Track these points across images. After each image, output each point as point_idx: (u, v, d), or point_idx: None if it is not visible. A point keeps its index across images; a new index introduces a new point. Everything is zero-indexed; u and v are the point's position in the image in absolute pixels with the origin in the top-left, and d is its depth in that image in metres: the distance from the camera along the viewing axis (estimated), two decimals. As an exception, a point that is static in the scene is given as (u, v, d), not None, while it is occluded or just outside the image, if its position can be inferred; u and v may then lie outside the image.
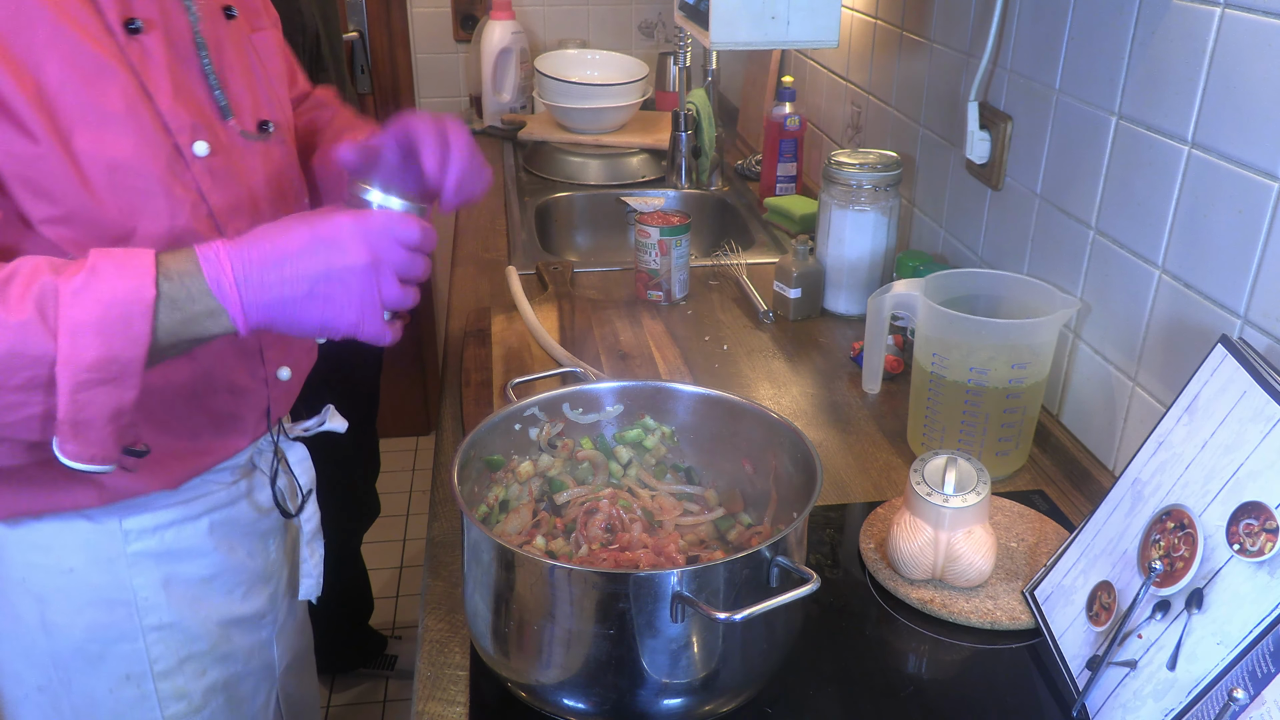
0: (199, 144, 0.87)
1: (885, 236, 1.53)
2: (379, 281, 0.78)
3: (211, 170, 0.88)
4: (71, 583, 0.95)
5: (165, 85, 0.84)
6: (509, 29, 2.61)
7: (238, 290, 0.75)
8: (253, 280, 0.75)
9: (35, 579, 0.94)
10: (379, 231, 0.79)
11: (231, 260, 0.75)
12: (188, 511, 0.99)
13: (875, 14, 1.79)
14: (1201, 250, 0.97)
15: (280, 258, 0.76)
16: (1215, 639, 0.72)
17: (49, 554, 0.93)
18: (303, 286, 0.76)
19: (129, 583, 0.96)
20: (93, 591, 0.95)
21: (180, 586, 1.00)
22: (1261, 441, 0.74)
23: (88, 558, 0.94)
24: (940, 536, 0.95)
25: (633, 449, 1.02)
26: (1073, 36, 1.16)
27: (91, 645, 0.97)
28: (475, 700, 0.86)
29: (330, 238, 0.77)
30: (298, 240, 0.77)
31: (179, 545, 0.99)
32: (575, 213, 2.24)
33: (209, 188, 0.88)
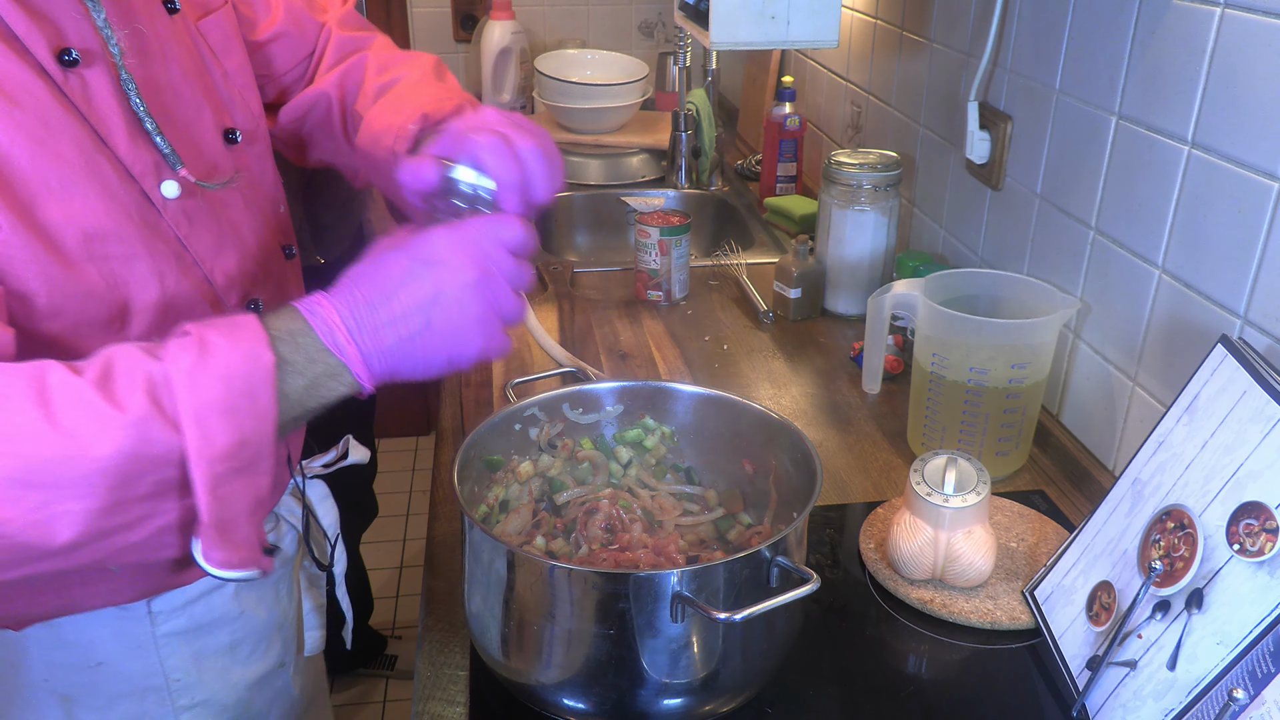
0: (167, 184, 0.76)
1: (885, 236, 1.53)
2: (494, 294, 0.71)
3: (186, 212, 0.78)
4: (101, 677, 0.87)
5: (118, 123, 0.72)
6: (509, 29, 2.61)
7: (355, 342, 0.67)
8: (366, 326, 0.67)
9: (60, 678, 0.86)
10: (481, 239, 0.71)
11: (338, 309, 0.67)
12: (213, 582, 0.91)
13: (875, 14, 1.79)
14: (1201, 250, 0.97)
15: (387, 293, 0.68)
16: (1215, 639, 0.72)
17: (74, 651, 0.85)
18: (418, 320, 0.68)
19: (159, 667, 0.89)
20: (124, 683, 0.88)
21: (209, 659, 0.93)
22: (1261, 441, 0.74)
23: (118, 648, 0.87)
24: (940, 536, 0.95)
25: (633, 449, 1.02)
26: (1073, 36, 1.16)
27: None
28: (475, 700, 0.86)
29: (432, 258, 0.70)
30: (398, 269, 0.69)
31: (208, 618, 0.92)
32: (575, 213, 2.24)
33: (187, 233, 0.78)
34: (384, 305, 0.68)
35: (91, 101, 0.71)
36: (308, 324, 0.66)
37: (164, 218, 0.76)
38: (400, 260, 0.70)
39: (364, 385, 0.68)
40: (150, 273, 0.75)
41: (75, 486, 0.57)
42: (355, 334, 0.67)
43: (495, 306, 0.71)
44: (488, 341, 0.71)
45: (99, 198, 0.71)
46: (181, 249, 0.78)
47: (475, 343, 0.70)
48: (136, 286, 0.74)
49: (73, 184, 0.69)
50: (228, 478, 0.61)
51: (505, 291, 0.71)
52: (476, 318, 0.70)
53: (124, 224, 0.73)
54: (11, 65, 0.66)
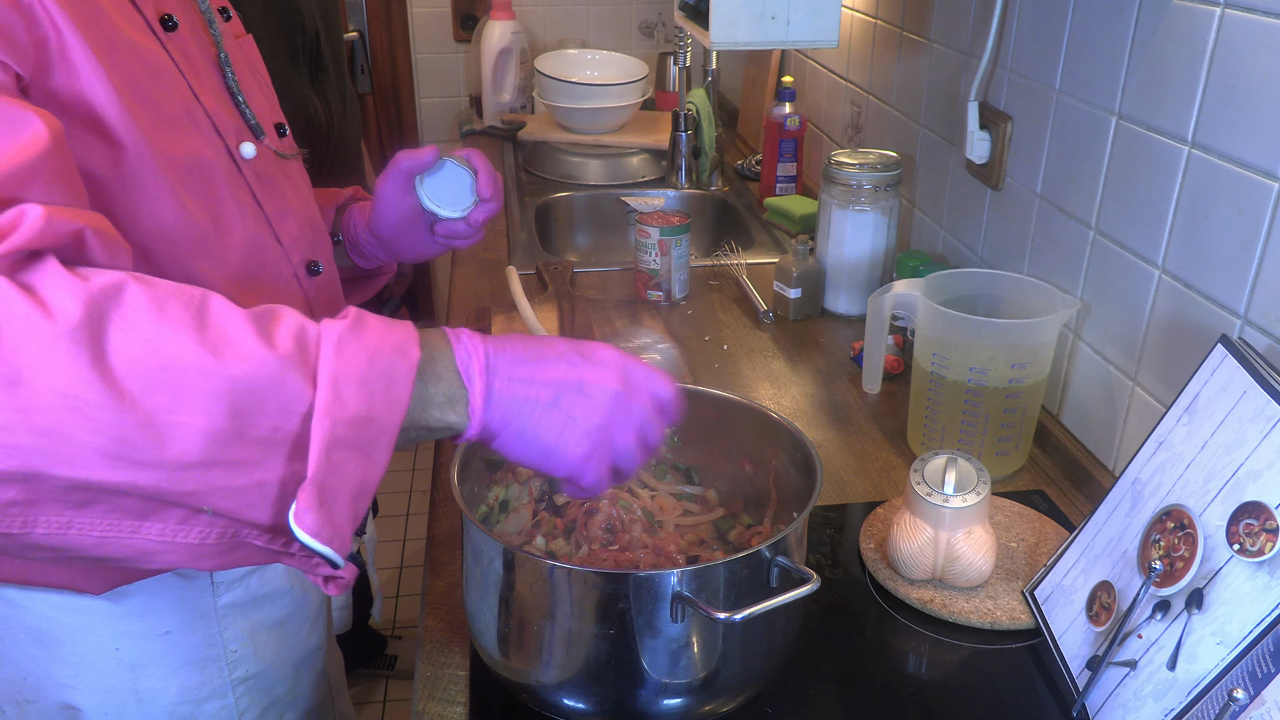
0: (246, 145, 0.84)
1: (885, 236, 1.53)
2: (626, 419, 0.72)
3: (258, 173, 0.86)
4: (166, 646, 0.91)
5: (207, 85, 0.81)
6: (509, 29, 2.61)
7: (484, 378, 0.67)
8: (501, 372, 0.68)
9: (130, 647, 0.90)
10: (639, 371, 0.73)
11: (484, 345, 0.69)
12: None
13: (875, 14, 1.79)
14: (1201, 250, 0.97)
15: (534, 356, 0.70)
16: (1215, 639, 0.72)
17: (144, 619, 0.89)
18: (548, 393, 0.69)
19: (219, 637, 0.94)
20: (187, 652, 0.92)
21: (263, 633, 0.97)
22: (1261, 441, 0.74)
23: (182, 617, 0.91)
24: (940, 536, 0.95)
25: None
26: (1073, 36, 1.16)
27: (183, 707, 0.94)
28: (475, 700, 0.86)
29: (592, 355, 0.72)
30: (555, 347, 0.71)
31: (263, 590, 0.96)
32: (575, 213, 2.24)
33: (260, 191, 0.86)
34: (525, 365, 0.69)
35: (190, 62, 0.79)
36: (449, 344, 0.68)
37: (242, 173, 0.84)
38: (561, 344, 0.72)
39: (471, 425, 0.67)
40: (236, 216, 0.81)
41: (200, 400, 0.57)
42: (487, 373, 0.68)
43: (619, 431, 0.71)
44: (591, 462, 0.71)
45: (196, 140, 0.78)
46: (256, 204, 0.85)
47: (581, 451, 0.70)
48: (228, 224, 0.80)
49: (178, 125, 0.76)
50: (344, 446, 0.60)
51: (630, 428, 0.72)
52: (600, 427, 0.71)
53: (216, 167, 0.80)
54: (130, 23, 0.74)
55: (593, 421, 0.70)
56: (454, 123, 2.97)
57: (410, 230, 1.07)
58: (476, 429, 0.67)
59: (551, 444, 0.69)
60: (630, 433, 0.72)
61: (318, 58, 1.77)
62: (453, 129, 2.97)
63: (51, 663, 0.90)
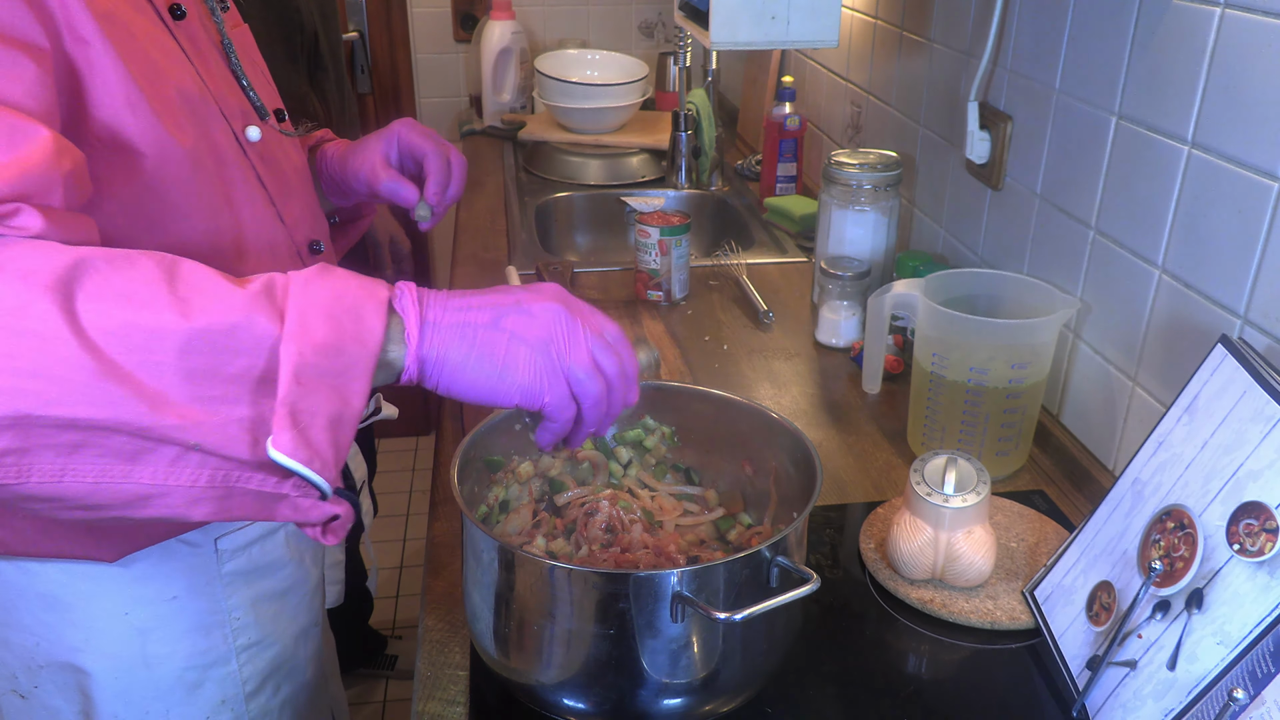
0: (251, 129, 0.87)
1: (885, 236, 1.53)
2: (569, 334, 0.71)
3: (262, 155, 0.89)
4: (174, 611, 0.94)
5: (213, 70, 0.85)
6: (509, 29, 2.61)
7: (418, 309, 0.68)
8: (435, 303, 0.69)
9: (140, 612, 0.93)
10: (580, 301, 0.74)
11: (418, 288, 0.70)
12: (269, 525, 0.99)
13: (875, 14, 1.79)
14: (1201, 250, 0.97)
15: (468, 295, 0.71)
16: (1215, 639, 0.72)
17: (152, 584, 0.92)
18: (486, 315, 0.70)
19: (223, 604, 0.96)
20: (193, 618, 0.95)
21: (265, 603, 1.00)
22: (1261, 441, 0.74)
23: (189, 584, 0.94)
24: (940, 536, 0.95)
25: (633, 449, 1.02)
26: (1073, 36, 1.16)
27: (191, 673, 0.97)
28: (475, 700, 0.86)
29: (529, 286, 0.73)
30: (490, 290, 0.73)
31: (264, 560, 0.99)
32: (575, 213, 2.24)
33: (264, 173, 0.89)
34: (459, 298, 0.70)
35: (198, 49, 0.83)
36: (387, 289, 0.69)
37: (247, 156, 0.87)
38: (499, 288, 0.73)
39: (409, 353, 0.67)
40: (244, 198, 0.85)
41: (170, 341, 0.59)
42: (420, 305, 0.68)
43: (568, 347, 0.71)
44: (545, 381, 0.70)
45: (204, 125, 0.81)
46: (260, 186, 0.88)
47: (531, 369, 0.70)
48: (237, 206, 0.83)
49: (188, 112, 0.79)
50: (314, 373, 0.62)
51: (582, 344, 0.71)
52: (544, 341, 0.70)
53: (225, 150, 0.83)
54: (140, 13, 0.77)
55: (536, 334, 0.70)
56: (454, 123, 2.97)
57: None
58: (414, 360, 0.68)
59: (498, 365, 0.69)
60: (581, 350, 0.71)
61: (316, 57, 1.77)
62: (453, 129, 2.97)
63: (63, 627, 0.92)
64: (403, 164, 1.09)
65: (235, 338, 0.61)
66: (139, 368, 0.59)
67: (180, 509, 0.63)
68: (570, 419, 0.73)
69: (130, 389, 0.58)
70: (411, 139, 1.07)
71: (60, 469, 0.59)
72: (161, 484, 0.61)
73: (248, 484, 0.63)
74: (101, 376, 0.58)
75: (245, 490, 0.63)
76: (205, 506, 0.63)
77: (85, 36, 0.69)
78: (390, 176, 1.04)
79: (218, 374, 0.61)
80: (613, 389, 0.74)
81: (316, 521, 0.66)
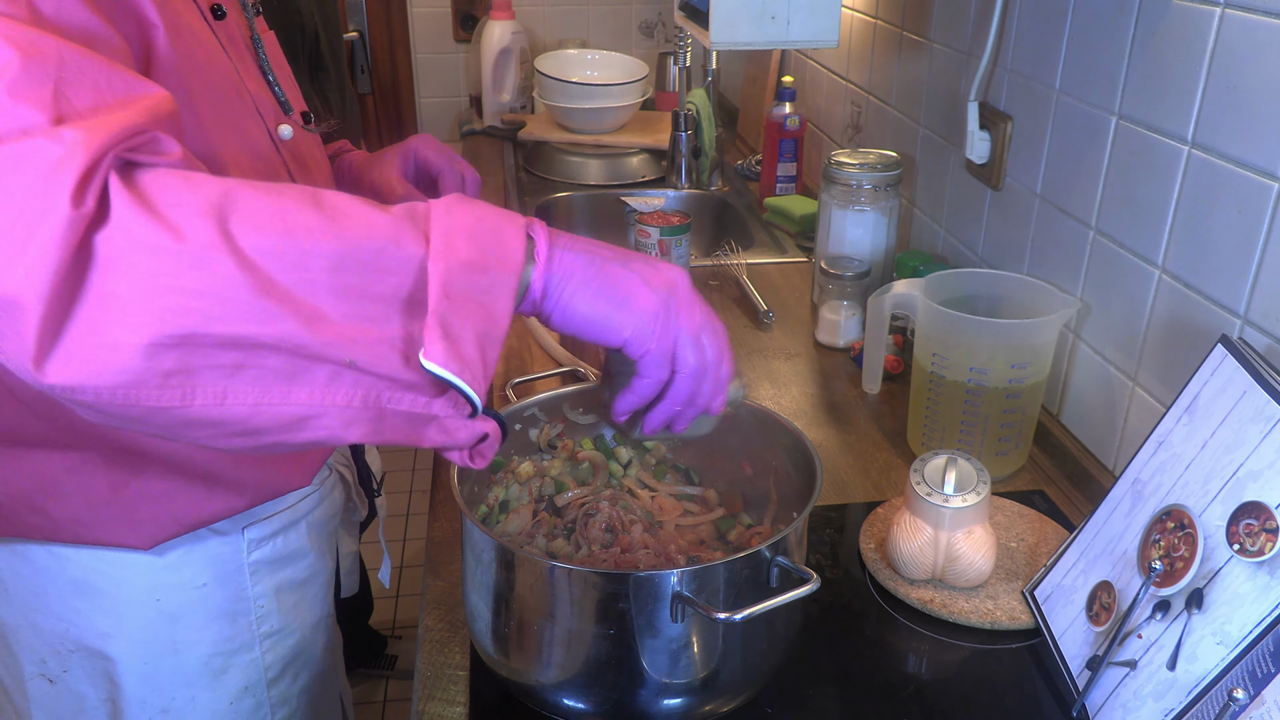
0: (284, 127, 0.90)
1: (885, 236, 1.53)
2: (689, 300, 0.72)
3: (294, 154, 0.91)
4: (203, 598, 0.96)
5: (251, 70, 0.87)
6: (509, 29, 2.61)
7: (549, 234, 0.69)
8: (565, 235, 0.70)
9: (170, 598, 0.94)
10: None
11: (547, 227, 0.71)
12: (293, 516, 1.01)
13: (875, 14, 1.79)
14: (1201, 250, 0.97)
15: (598, 241, 0.72)
16: (1215, 639, 0.72)
17: (183, 571, 0.94)
18: (614, 254, 0.71)
19: (248, 592, 0.98)
20: (220, 605, 0.97)
21: (285, 592, 1.02)
22: (1261, 441, 0.74)
23: (216, 572, 0.95)
24: (940, 536, 0.95)
25: (633, 449, 1.02)
26: (1073, 36, 1.16)
27: (216, 659, 0.98)
28: (475, 700, 0.86)
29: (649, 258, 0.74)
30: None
31: (286, 550, 1.01)
32: (575, 213, 2.24)
33: (296, 171, 0.90)
34: (591, 240, 0.71)
35: (236, 48, 0.86)
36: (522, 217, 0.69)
37: (280, 154, 0.89)
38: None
39: (535, 269, 0.67)
40: None
41: (322, 260, 0.60)
42: (552, 231, 0.69)
43: (686, 310, 0.71)
44: (659, 324, 0.70)
45: (245, 123, 0.84)
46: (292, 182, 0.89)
47: (652, 305, 0.69)
48: None
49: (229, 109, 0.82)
50: (461, 289, 0.62)
51: (699, 313, 0.72)
52: (668, 290, 0.70)
53: (260, 147, 0.86)
54: (188, 12, 0.80)
55: (660, 283, 0.70)
56: (454, 123, 2.97)
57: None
58: (541, 274, 0.67)
59: (620, 295, 0.69)
60: (696, 317, 0.71)
61: (318, 58, 1.77)
62: (453, 129, 2.97)
63: (94, 613, 0.93)
64: (418, 180, 1.11)
65: (384, 256, 0.62)
66: (295, 285, 0.59)
67: (337, 430, 0.63)
68: (659, 384, 0.72)
69: (288, 306, 0.58)
70: (427, 156, 1.10)
71: (223, 391, 0.59)
72: (318, 403, 0.61)
73: (399, 404, 0.63)
74: (260, 294, 0.58)
75: (396, 411, 0.64)
76: (360, 428, 0.63)
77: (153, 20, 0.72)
78: (405, 190, 1.06)
79: (368, 292, 0.61)
80: (707, 372, 0.73)
81: (465, 443, 0.66)
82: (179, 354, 0.57)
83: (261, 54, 0.91)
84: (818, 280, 1.56)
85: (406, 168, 1.09)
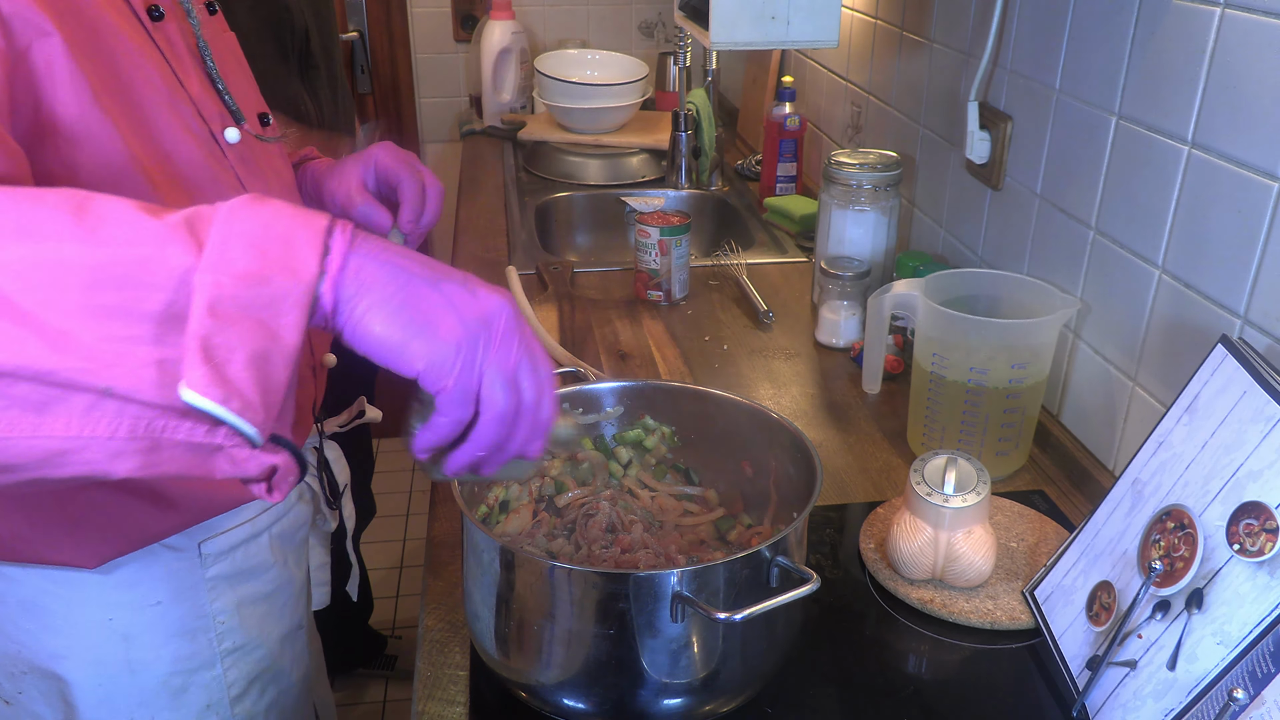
0: (230, 130, 0.88)
1: (885, 236, 1.53)
2: (506, 336, 0.63)
3: (242, 158, 0.89)
4: (159, 616, 0.93)
5: (192, 74, 0.85)
6: (509, 29, 2.61)
7: (351, 239, 0.60)
8: (374, 241, 0.62)
9: (123, 618, 0.92)
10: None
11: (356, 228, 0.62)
12: (253, 529, 0.99)
13: (875, 14, 1.79)
14: (1201, 250, 0.97)
15: (419, 254, 0.64)
16: (1215, 639, 0.72)
17: (135, 590, 0.92)
18: (427, 272, 0.62)
19: (207, 609, 0.96)
20: (178, 623, 0.95)
21: (249, 607, 1.00)
22: (1261, 441, 0.74)
23: (172, 588, 0.93)
24: (940, 536, 0.95)
25: (633, 449, 1.02)
26: (1073, 36, 1.16)
27: (175, 678, 0.96)
28: (475, 700, 0.86)
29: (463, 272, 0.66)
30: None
31: (248, 564, 0.99)
32: (575, 213, 2.25)
33: (244, 175, 0.89)
34: (409, 252, 0.63)
35: (175, 51, 0.84)
36: (325, 220, 0.62)
37: (226, 157, 0.87)
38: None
39: (325, 279, 0.59)
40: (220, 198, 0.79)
41: (75, 275, 0.54)
42: (355, 236, 0.61)
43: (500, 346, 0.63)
44: (462, 358, 0.62)
45: (180, 128, 0.82)
46: (240, 186, 0.88)
47: (455, 337, 0.62)
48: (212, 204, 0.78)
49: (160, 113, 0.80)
50: (233, 305, 0.55)
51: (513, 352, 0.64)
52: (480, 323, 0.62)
53: (197, 154, 0.83)
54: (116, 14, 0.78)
55: (472, 312, 0.62)
56: (454, 123, 2.97)
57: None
58: (331, 285, 0.59)
59: (419, 320, 0.61)
60: (510, 355, 0.63)
61: (307, 55, 1.76)
62: (453, 129, 2.97)
63: (44, 634, 0.91)
64: (379, 189, 1.06)
65: (146, 270, 0.55)
66: (40, 306, 0.53)
67: (101, 464, 0.56)
68: (458, 424, 0.64)
69: (29, 329, 0.52)
70: (388, 165, 1.05)
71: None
72: (76, 435, 0.55)
73: (175, 434, 0.56)
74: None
75: (174, 441, 0.56)
76: (129, 460, 0.57)
77: (43, 28, 0.69)
78: (365, 201, 1.02)
79: (128, 311, 0.54)
80: (520, 418, 0.65)
81: (256, 475, 0.58)
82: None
83: (208, 61, 0.88)
84: (818, 280, 1.56)
85: (367, 177, 1.05)
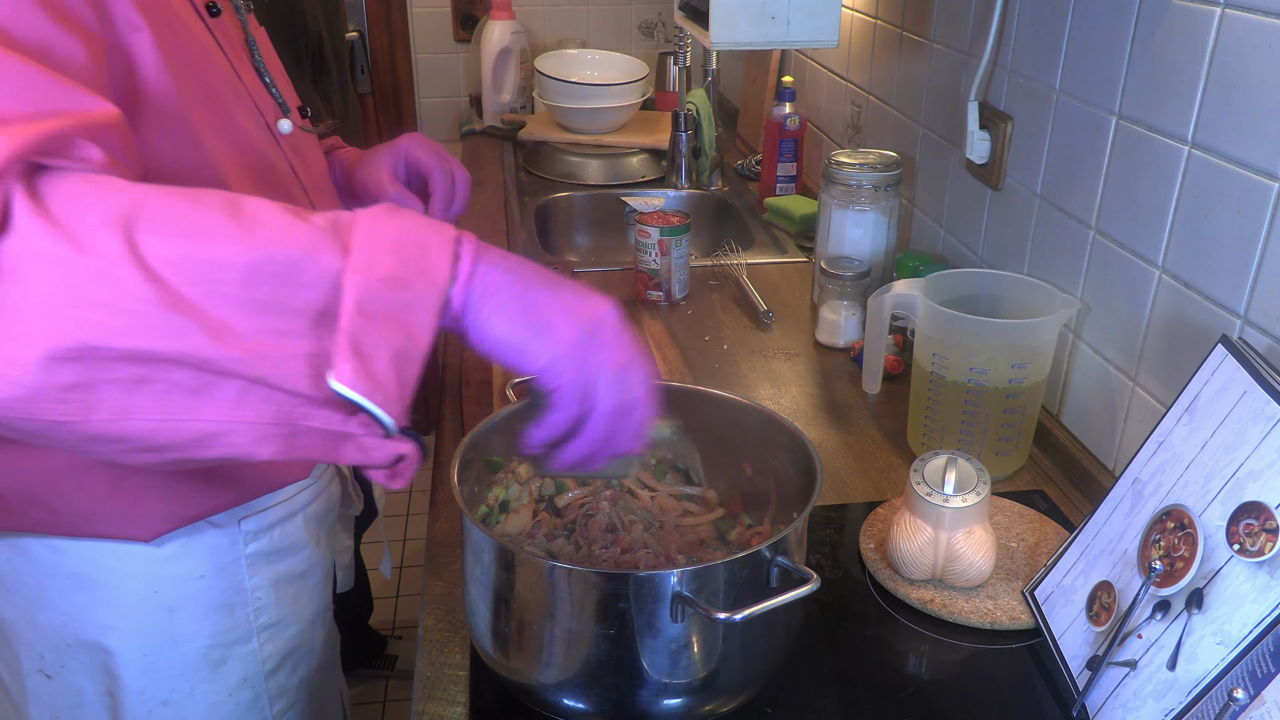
0: (282, 122, 0.91)
1: (885, 236, 1.53)
2: (615, 340, 0.69)
3: (294, 148, 0.92)
4: (202, 589, 0.95)
5: (247, 67, 0.88)
6: (509, 29, 2.61)
7: (477, 248, 0.66)
8: (496, 251, 0.67)
9: (168, 591, 0.94)
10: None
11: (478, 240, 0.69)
12: (290, 508, 1.01)
13: (875, 14, 1.79)
14: (1201, 250, 0.97)
15: (534, 262, 0.70)
16: (1215, 639, 0.72)
17: (181, 564, 0.94)
18: (544, 278, 0.68)
19: (245, 584, 0.98)
20: (218, 597, 0.97)
21: (284, 584, 1.02)
22: (1261, 441, 0.74)
23: (214, 564, 0.95)
24: (940, 536, 0.95)
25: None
26: (1073, 36, 1.16)
27: (215, 651, 0.98)
28: (475, 700, 0.86)
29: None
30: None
31: (284, 543, 1.01)
32: (575, 213, 2.24)
33: (296, 165, 0.91)
34: (525, 261, 0.68)
35: (232, 45, 0.87)
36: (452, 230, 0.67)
37: (281, 147, 0.90)
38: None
39: (456, 284, 0.64)
40: (283, 193, 0.86)
41: (234, 272, 0.59)
42: (480, 245, 0.66)
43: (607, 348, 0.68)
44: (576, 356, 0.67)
45: (244, 118, 0.84)
46: (294, 178, 0.91)
47: (570, 335, 0.67)
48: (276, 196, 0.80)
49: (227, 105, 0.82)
50: (378, 305, 0.60)
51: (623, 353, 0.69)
52: (593, 324, 0.68)
53: (259, 144, 0.86)
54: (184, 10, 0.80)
55: (586, 315, 0.67)
56: (454, 123, 2.97)
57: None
58: (461, 290, 0.64)
59: (539, 321, 0.66)
60: (620, 355, 0.68)
61: (320, 59, 1.77)
62: (453, 129, 2.97)
63: (94, 606, 0.93)
64: (409, 179, 1.11)
65: (300, 270, 0.60)
66: (202, 299, 0.58)
67: (247, 447, 0.62)
68: (571, 420, 0.69)
69: (194, 320, 0.57)
70: (418, 155, 1.10)
71: (125, 406, 0.58)
72: (226, 420, 0.60)
73: (312, 421, 0.62)
74: (165, 307, 0.57)
75: (310, 428, 0.62)
76: (271, 444, 0.62)
77: (137, 23, 0.72)
78: (396, 191, 1.07)
79: (281, 307, 0.60)
80: (625, 414, 0.70)
81: (382, 462, 0.64)
82: (77, 367, 0.56)
83: (256, 54, 0.92)
84: (818, 280, 1.56)
85: (397, 166, 1.10)
